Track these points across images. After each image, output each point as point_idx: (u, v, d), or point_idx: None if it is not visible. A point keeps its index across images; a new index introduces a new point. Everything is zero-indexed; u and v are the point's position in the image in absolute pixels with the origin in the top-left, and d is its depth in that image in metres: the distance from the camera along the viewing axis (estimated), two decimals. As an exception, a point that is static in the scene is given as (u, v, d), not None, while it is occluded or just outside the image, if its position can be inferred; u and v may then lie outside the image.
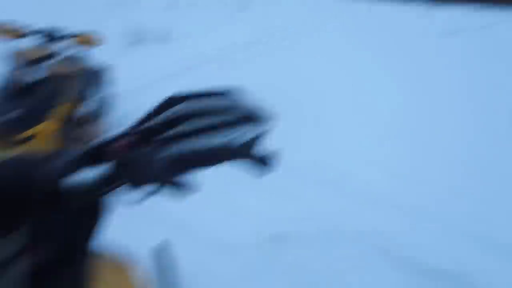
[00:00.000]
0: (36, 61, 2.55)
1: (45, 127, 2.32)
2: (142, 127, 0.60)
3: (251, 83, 4.61)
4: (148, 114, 0.61)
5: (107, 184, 0.52)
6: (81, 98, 2.78)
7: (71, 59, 3.11)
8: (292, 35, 9.01)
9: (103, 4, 10.93)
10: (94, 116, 2.96)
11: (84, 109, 2.75)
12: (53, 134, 2.41)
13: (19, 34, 2.87)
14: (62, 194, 0.50)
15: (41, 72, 2.53)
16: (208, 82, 4.86)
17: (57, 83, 2.58)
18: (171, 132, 0.61)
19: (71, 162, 0.53)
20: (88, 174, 0.51)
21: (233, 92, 0.65)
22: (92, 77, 3.15)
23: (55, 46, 2.81)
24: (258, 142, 0.63)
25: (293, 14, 13.01)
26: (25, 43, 2.80)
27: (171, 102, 0.62)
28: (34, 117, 2.33)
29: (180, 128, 0.62)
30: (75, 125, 2.70)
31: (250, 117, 0.64)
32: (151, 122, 0.60)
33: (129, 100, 4.14)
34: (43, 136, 2.33)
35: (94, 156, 0.56)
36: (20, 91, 2.42)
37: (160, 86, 4.75)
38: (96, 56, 3.50)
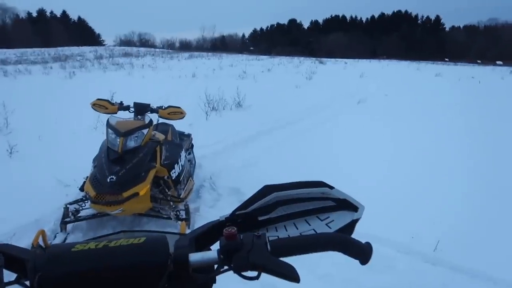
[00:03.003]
0: (132, 131, 2.84)
1: (142, 188, 2.64)
2: (241, 212, 0.68)
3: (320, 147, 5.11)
4: (246, 201, 0.68)
5: (218, 266, 0.56)
6: (169, 163, 3.10)
7: (160, 128, 3.56)
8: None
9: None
10: (181, 180, 3.25)
11: (172, 173, 3.07)
12: (148, 195, 2.71)
13: (115, 108, 3.26)
14: (188, 269, 0.55)
15: (135, 140, 2.84)
16: (280, 144, 5.35)
17: (149, 150, 2.89)
18: (267, 217, 0.69)
19: (190, 242, 0.60)
20: (208, 254, 0.57)
21: (323, 183, 0.71)
22: (178, 144, 3.54)
23: (146, 118, 3.15)
24: (351, 230, 0.68)
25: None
26: (121, 116, 3.12)
27: (266, 191, 0.69)
28: (132, 180, 2.64)
29: (275, 214, 0.70)
30: (165, 187, 3.04)
31: (342, 206, 0.70)
32: (249, 209, 0.68)
33: (213, 162, 4.51)
34: (141, 196, 2.63)
35: (206, 238, 0.64)
36: (119, 157, 2.73)
37: (239, 149, 5.18)
38: (180, 124, 3.89)
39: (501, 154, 4.95)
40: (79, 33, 62.60)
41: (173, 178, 3.11)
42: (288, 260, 0.57)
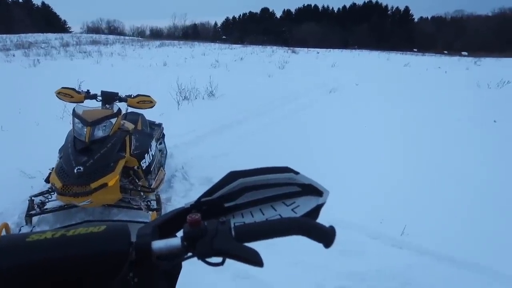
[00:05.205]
0: (99, 120, 2.73)
1: (111, 178, 2.56)
2: (206, 199, 0.67)
3: (292, 135, 5.22)
4: (211, 188, 0.68)
5: (182, 253, 0.56)
6: (139, 153, 3.03)
7: (129, 118, 3.46)
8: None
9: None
10: (152, 170, 3.20)
11: (142, 163, 3.00)
12: (117, 186, 2.63)
13: (81, 97, 3.13)
14: (151, 257, 0.55)
15: (103, 130, 2.74)
16: (253, 133, 5.33)
17: (118, 139, 2.79)
18: (233, 204, 0.69)
19: (153, 230, 0.59)
20: (171, 242, 0.56)
21: (289, 168, 0.72)
22: (148, 134, 3.46)
23: (115, 107, 3.03)
24: (316, 214, 0.69)
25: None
26: (88, 105, 2.99)
27: (231, 177, 0.69)
28: (100, 170, 2.56)
29: (241, 201, 0.70)
30: (135, 178, 2.96)
31: (307, 191, 0.71)
32: (214, 196, 0.68)
33: (185, 151, 4.45)
34: (110, 186, 2.56)
35: (170, 226, 0.63)
36: (86, 147, 2.63)
37: (211, 138, 5.11)
38: (151, 114, 3.81)
39: (468, 141, 5.15)
40: (43, 19, 59.92)
41: (143, 168, 3.05)
42: (255, 245, 0.57)
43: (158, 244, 0.55)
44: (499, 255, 2.56)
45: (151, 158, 3.22)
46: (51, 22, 62.69)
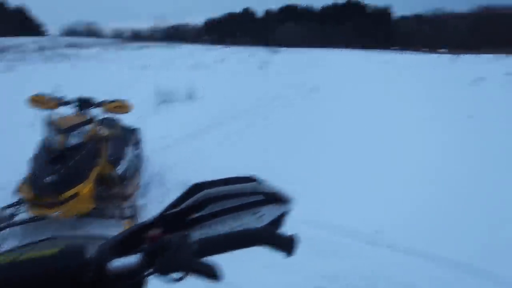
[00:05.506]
0: (73, 127, 2.66)
1: (84, 187, 2.49)
2: (170, 213, 0.67)
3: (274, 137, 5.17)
4: (175, 201, 0.68)
5: (142, 270, 0.54)
6: (114, 159, 2.97)
7: (105, 123, 3.34)
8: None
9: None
10: (127, 176, 3.13)
11: (117, 170, 2.93)
12: (90, 194, 2.56)
13: (55, 103, 3.04)
14: (109, 276, 0.53)
15: (77, 137, 2.66)
16: (232, 138, 5.22)
17: (93, 146, 2.72)
18: (198, 216, 0.68)
19: (112, 247, 0.57)
20: (130, 259, 0.54)
21: (253, 177, 0.71)
22: (124, 139, 3.39)
23: (90, 113, 2.97)
24: (281, 222, 0.69)
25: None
26: (62, 112, 2.92)
27: (195, 189, 0.68)
28: (73, 179, 2.48)
29: (206, 212, 0.69)
30: (110, 185, 2.89)
31: (272, 199, 0.70)
32: (178, 208, 0.67)
33: (162, 156, 4.38)
34: (83, 196, 2.49)
35: (130, 242, 0.61)
36: (59, 155, 2.55)
37: (190, 142, 5.07)
38: (128, 119, 3.74)
39: (444, 138, 5.23)
40: (18, 22, 58.56)
41: (118, 174, 3.00)
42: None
43: (117, 262, 0.54)
44: (496, 256, 2.57)
45: (126, 164, 3.17)
46: (27, 25, 61.35)
